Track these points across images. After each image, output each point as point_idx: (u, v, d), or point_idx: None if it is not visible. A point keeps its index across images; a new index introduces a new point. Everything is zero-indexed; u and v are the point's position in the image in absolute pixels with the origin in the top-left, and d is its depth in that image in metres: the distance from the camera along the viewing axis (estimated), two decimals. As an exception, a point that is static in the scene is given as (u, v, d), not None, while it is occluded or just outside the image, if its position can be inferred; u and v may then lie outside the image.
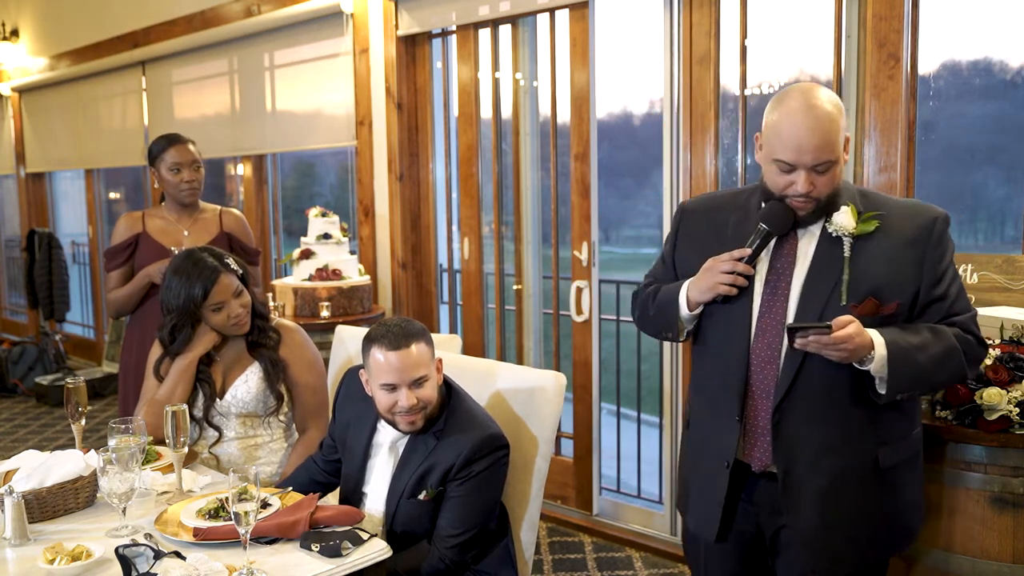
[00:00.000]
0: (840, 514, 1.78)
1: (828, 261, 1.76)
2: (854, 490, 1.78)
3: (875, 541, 1.82)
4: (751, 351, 1.80)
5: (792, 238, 1.81)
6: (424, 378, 2.01)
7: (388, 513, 2.08)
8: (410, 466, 2.06)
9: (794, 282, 1.78)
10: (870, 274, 1.73)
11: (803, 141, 1.69)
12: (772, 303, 1.79)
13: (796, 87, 1.75)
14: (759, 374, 1.80)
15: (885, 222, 1.76)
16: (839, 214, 1.76)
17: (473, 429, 2.04)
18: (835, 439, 1.76)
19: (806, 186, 1.71)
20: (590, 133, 3.67)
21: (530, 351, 4.14)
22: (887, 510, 1.82)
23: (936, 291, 1.75)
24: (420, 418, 2.03)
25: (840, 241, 1.75)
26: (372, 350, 2.03)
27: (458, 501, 2.02)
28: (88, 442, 4.94)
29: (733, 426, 1.82)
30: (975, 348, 1.78)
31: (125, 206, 7.74)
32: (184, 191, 3.10)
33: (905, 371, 1.69)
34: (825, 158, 1.70)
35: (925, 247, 1.75)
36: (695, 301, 1.85)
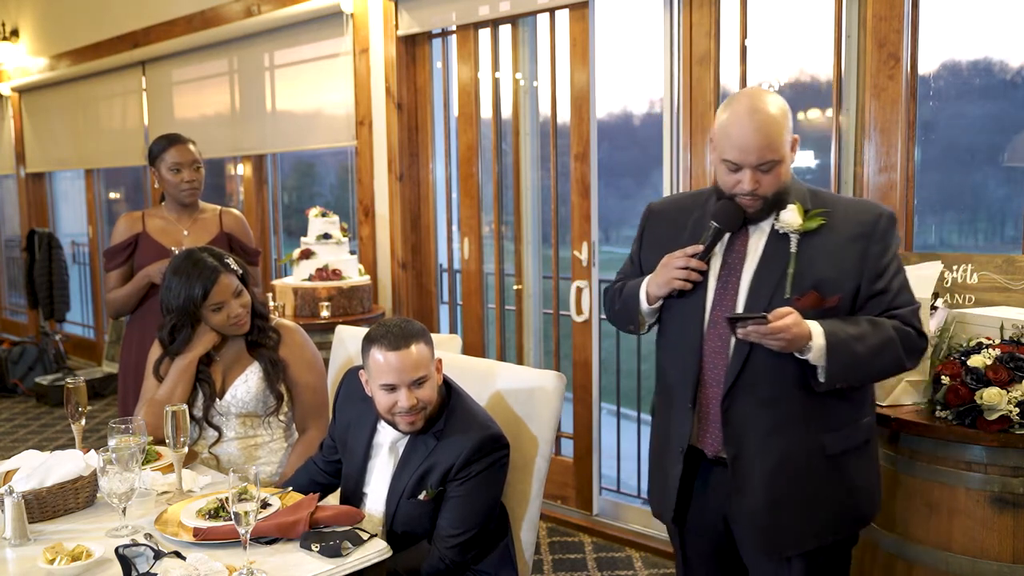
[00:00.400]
0: (787, 496, 1.86)
1: (776, 257, 1.85)
2: (801, 474, 1.86)
3: (825, 524, 1.89)
4: (704, 342, 1.90)
5: (743, 235, 1.90)
6: (424, 378, 2.01)
7: (388, 513, 2.08)
8: (410, 466, 2.06)
9: (743, 277, 1.88)
10: (814, 269, 1.82)
11: (747, 142, 1.79)
12: (723, 297, 1.89)
13: (744, 91, 1.87)
14: (711, 364, 1.89)
15: (831, 219, 1.84)
16: (786, 212, 1.85)
17: (473, 429, 2.04)
18: (782, 425, 1.84)
19: (751, 184, 1.81)
20: (590, 133, 3.67)
21: (530, 351, 4.14)
22: (836, 495, 1.88)
23: (877, 285, 1.83)
24: (420, 418, 2.03)
25: (787, 238, 1.85)
26: (372, 350, 2.03)
27: (458, 501, 2.02)
28: (88, 442, 4.94)
29: (687, 414, 1.92)
30: (914, 340, 1.84)
31: (125, 206, 7.74)
32: (184, 191, 3.10)
33: (843, 360, 1.77)
34: (768, 158, 1.80)
35: (868, 243, 1.83)
36: (653, 295, 1.95)
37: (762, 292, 1.83)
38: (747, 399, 1.84)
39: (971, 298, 2.43)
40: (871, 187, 2.90)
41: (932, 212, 3.46)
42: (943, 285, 2.46)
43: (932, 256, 2.49)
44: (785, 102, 1.84)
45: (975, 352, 2.11)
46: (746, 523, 1.90)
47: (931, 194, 3.30)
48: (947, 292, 2.46)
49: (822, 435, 1.85)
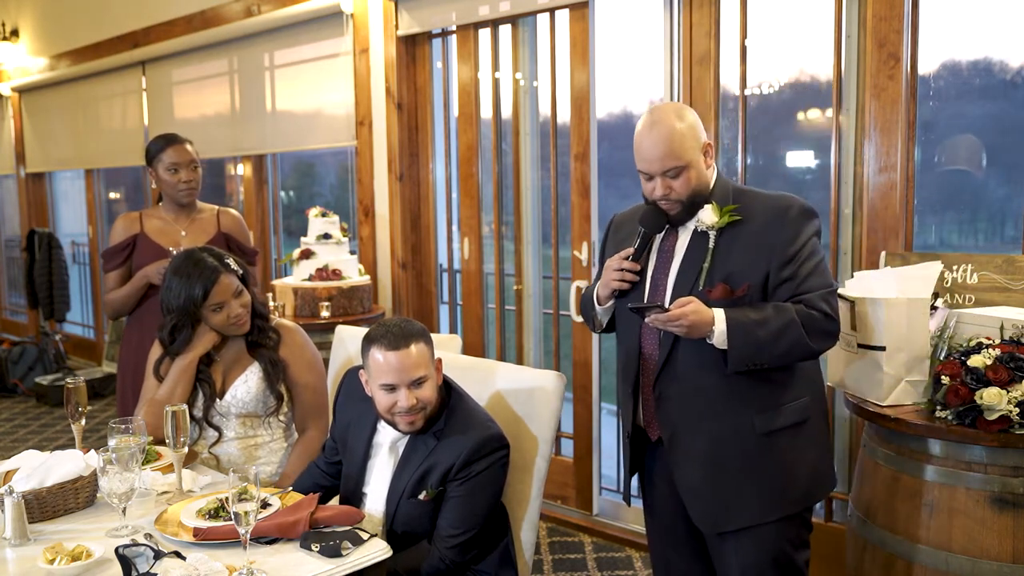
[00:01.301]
0: (722, 473, 2.01)
1: (697, 253, 2.01)
2: (733, 452, 2.00)
3: (761, 501, 2.01)
4: (641, 336, 2.08)
5: (673, 236, 2.07)
6: (423, 378, 2.01)
7: (388, 513, 2.08)
8: (410, 466, 2.06)
9: (671, 274, 2.04)
10: (730, 261, 1.97)
11: (650, 153, 1.97)
12: (655, 294, 2.05)
13: (652, 106, 2.03)
14: (648, 355, 2.08)
15: (748, 214, 1.99)
16: (703, 212, 2.00)
17: (473, 429, 2.04)
18: (711, 407, 2.00)
19: (663, 190, 1.98)
20: (590, 133, 3.68)
21: (530, 351, 4.14)
22: (771, 472, 2.01)
23: (784, 272, 1.95)
24: (420, 418, 2.03)
25: (707, 235, 2.00)
26: (371, 350, 2.03)
27: (458, 501, 2.02)
28: (88, 442, 4.94)
29: (629, 399, 2.13)
30: (818, 322, 1.93)
31: (125, 206, 7.74)
32: (182, 191, 3.10)
33: (744, 343, 1.90)
34: (671, 165, 1.96)
35: (777, 232, 1.95)
36: (602, 296, 2.14)
37: (684, 286, 1.99)
38: (675, 385, 2.02)
39: (971, 298, 2.43)
40: (871, 187, 2.90)
41: (932, 212, 3.46)
42: (943, 285, 2.46)
43: (932, 256, 2.49)
44: (693, 115, 2.01)
45: (975, 352, 2.11)
46: (687, 500, 2.06)
47: (931, 194, 3.30)
48: (947, 292, 2.46)
49: (752, 416, 1.99)
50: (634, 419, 2.15)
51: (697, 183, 2.00)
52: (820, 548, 3.12)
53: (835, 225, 3.05)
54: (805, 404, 2.05)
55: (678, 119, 1.97)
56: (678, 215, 2.02)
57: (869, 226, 2.92)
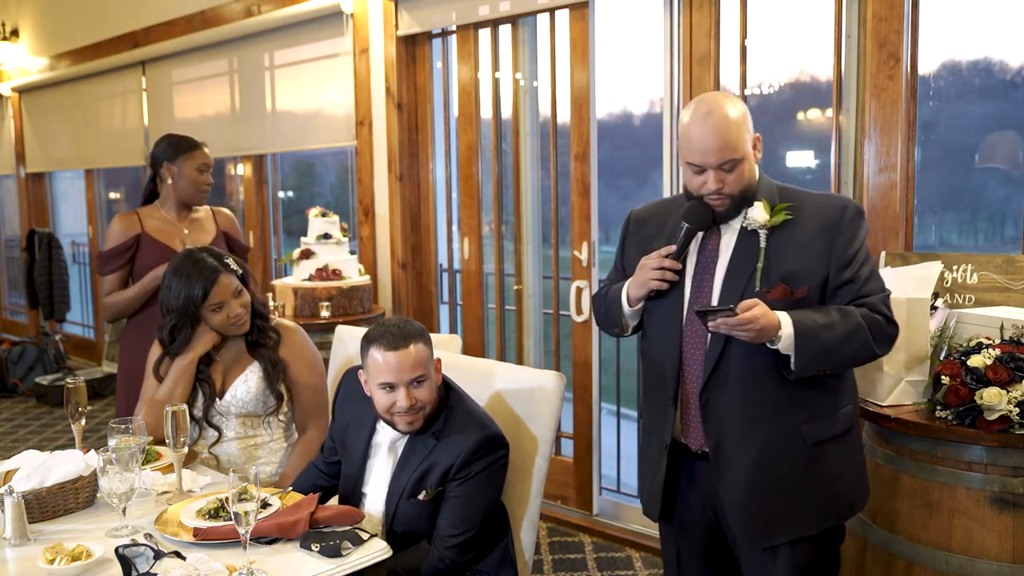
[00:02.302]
0: (768, 486, 1.90)
1: (746, 253, 1.90)
2: (781, 463, 1.90)
3: (807, 513, 1.92)
4: (683, 340, 1.95)
5: (715, 234, 1.95)
6: (422, 378, 2.01)
7: (388, 513, 2.08)
8: (409, 466, 2.06)
9: (717, 274, 1.93)
10: (784, 262, 1.87)
11: (706, 144, 1.86)
12: (698, 295, 1.94)
13: (702, 96, 1.93)
14: (690, 360, 1.95)
15: (799, 213, 1.90)
16: (753, 209, 1.90)
17: (472, 429, 2.04)
18: (760, 416, 1.89)
19: (716, 184, 1.87)
20: (590, 133, 3.67)
21: (530, 351, 4.14)
22: (817, 484, 1.92)
23: (845, 274, 1.87)
24: (419, 418, 2.03)
25: (756, 234, 1.90)
26: (371, 350, 2.03)
27: (458, 501, 2.02)
28: (88, 442, 4.94)
29: (669, 409, 1.98)
30: (883, 326, 1.88)
31: (125, 206, 7.74)
32: (203, 191, 3.14)
33: (812, 348, 1.81)
34: (728, 157, 1.86)
35: (834, 234, 1.87)
36: (633, 297, 2.01)
37: (734, 287, 1.89)
38: (724, 392, 1.89)
39: (971, 298, 2.43)
40: (871, 187, 2.90)
41: (932, 212, 3.46)
42: (943, 285, 2.46)
43: (932, 256, 2.49)
44: (743, 104, 1.91)
45: (975, 352, 2.11)
46: (730, 514, 1.94)
47: (931, 194, 3.30)
48: (947, 292, 2.46)
49: (801, 425, 1.90)
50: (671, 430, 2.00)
51: (749, 178, 1.90)
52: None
53: (835, 225, 3.04)
54: (850, 412, 1.98)
55: (732, 108, 1.88)
56: (726, 211, 1.91)
57: (869, 226, 2.92)
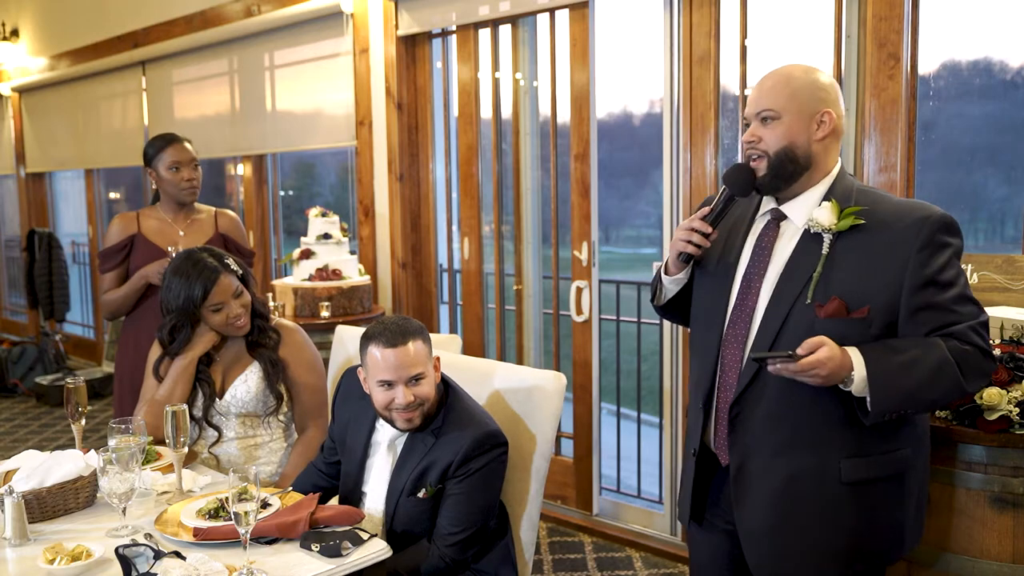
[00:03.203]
0: (792, 520, 1.74)
1: (804, 258, 1.71)
2: (810, 498, 1.72)
3: (831, 556, 1.75)
4: (722, 344, 1.79)
5: (773, 232, 1.78)
6: (421, 375, 2.01)
7: (388, 512, 2.09)
8: (409, 464, 2.07)
9: (767, 277, 1.75)
10: (847, 274, 1.66)
11: (756, 91, 1.76)
12: (745, 297, 1.77)
13: None
14: (727, 367, 1.79)
15: (874, 221, 1.67)
16: (819, 210, 1.71)
17: (471, 426, 2.04)
18: (792, 442, 1.71)
19: (749, 134, 1.75)
20: (590, 133, 3.67)
21: (530, 351, 4.14)
22: (849, 525, 1.73)
23: (921, 297, 1.63)
24: (417, 415, 2.03)
25: (820, 238, 1.70)
26: (369, 348, 2.03)
27: (457, 499, 2.02)
28: (88, 442, 4.94)
29: (699, 415, 1.85)
30: (976, 360, 1.64)
31: (125, 206, 7.74)
32: (185, 189, 3.09)
33: (890, 391, 1.60)
34: (766, 105, 1.72)
35: (910, 249, 1.63)
36: (669, 262, 1.88)
37: (786, 295, 1.70)
38: (755, 411, 1.73)
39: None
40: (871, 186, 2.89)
41: (932, 212, 3.46)
42: (943, 285, 2.45)
43: (932, 256, 2.48)
44: (828, 78, 1.75)
45: (975, 352, 2.11)
46: (745, 543, 1.80)
47: (931, 194, 3.30)
48: (947, 292, 2.45)
49: (841, 459, 1.70)
50: (702, 437, 1.87)
51: (790, 143, 1.70)
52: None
53: (835, 225, 3.04)
54: (906, 456, 1.75)
55: (804, 72, 1.73)
56: (765, 179, 1.73)
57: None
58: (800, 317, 1.67)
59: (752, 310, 1.75)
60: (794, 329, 1.67)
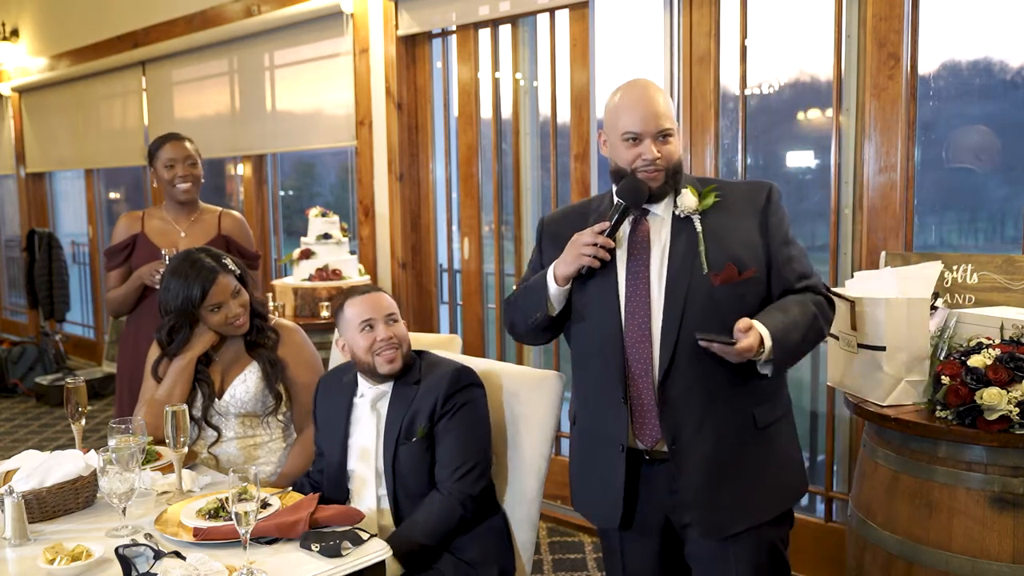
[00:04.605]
0: (726, 473, 1.90)
1: (683, 239, 1.90)
2: (736, 449, 1.90)
3: (763, 498, 1.94)
4: (624, 335, 1.91)
5: (643, 224, 1.94)
6: (396, 317, 2.20)
7: (387, 460, 2.15)
8: (397, 415, 2.16)
9: (652, 264, 1.91)
10: (722, 246, 1.88)
11: (647, 110, 1.87)
12: (636, 285, 1.91)
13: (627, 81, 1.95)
14: (635, 355, 1.90)
15: (725, 199, 1.92)
16: (682, 196, 1.91)
17: (445, 367, 2.19)
18: (715, 404, 1.88)
19: (652, 152, 1.86)
20: (590, 133, 3.68)
21: (530, 351, 4.14)
22: (770, 467, 1.95)
23: (784, 252, 1.91)
24: (399, 356, 2.16)
25: (690, 220, 1.90)
26: (345, 307, 2.22)
27: (452, 435, 2.12)
28: (88, 442, 4.94)
29: (620, 409, 1.92)
30: (827, 308, 1.94)
31: (125, 206, 7.74)
32: (178, 187, 3.08)
33: (786, 352, 1.83)
34: (667, 125, 1.88)
35: (767, 214, 1.91)
36: (562, 276, 1.93)
37: (680, 275, 1.87)
38: (680, 384, 1.87)
39: (971, 298, 2.43)
40: (871, 187, 2.90)
41: (932, 212, 3.46)
42: (943, 285, 2.46)
43: (932, 256, 2.49)
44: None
45: (975, 352, 2.11)
46: (691, 506, 1.91)
47: (931, 194, 3.29)
48: (947, 292, 2.46)
49: (752, 408, 1.91)
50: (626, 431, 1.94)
51: (679, 158, 1.92)
52: (820, 548, 3.12)
53: (835, 225, 3.04)
54: (787, 393, 2.02)
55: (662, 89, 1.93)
56: (659, 189, 1.89)
57: (869, 226, 2.92)
58: (698, 288, 1.86)
59: (647, 298, 1.90)
60: (696, 300, 1.86)
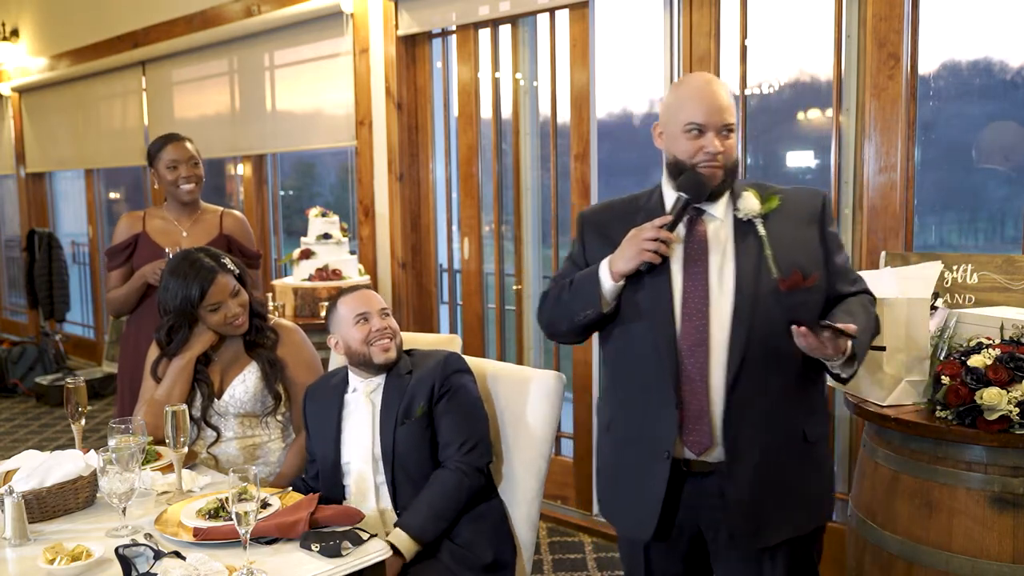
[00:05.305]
0: (774, 483, 1.86)
1: (748, 243, 1.85)
2: (787, 462, 1.88)
3: (805, 511, 1.92)
4: (679, 338, 1.84)
5: (700, 225, 1.88)
6: (389, 311, 2.29)
7: (386, 444, 2.17)
8: (393, 402, 2.20)
9: (711, 265, 1.86)
10: (785, 252, 1.84)
11: (713, 102, 1.84)
12: (694, 288, 1.85)
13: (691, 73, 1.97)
14: (690, 359, 1.83)
15: (783, 205, 1.88)
16: (743, 199, 1.87)
17: (436, 355, 2.26)
18: (775, 415, 1.85)
19: (716, 145, 1.83)
20: (590, 133, 3.67)
21: (530, 351, 4.14)
22: (813, 482, 1.93)
23: (839, 259, 1.93)
24: (393, 346, 2.23)
25: (751, 223, 1.86)
26: (338, 305, 2.29)
27: (453, 414, 2.18)
28: (88, 442, 4.93)
29: (669, 414, 1.84)
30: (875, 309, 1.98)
31: (125, 206, 7.74)
32: (182, 188, 3.09)
33: (863, 352, 1.85)
34: (729, 120, 1.85)
35: (822, 223, 1.91)
36: (619, 272, 1.85)
37: (750, 277, 1.82)
38: (744, 393, 1.82)
39: (971, 298, 2.43)
40: (871, 187, 2.90)
41: (932, 212, 3.46)
42: (943, 285, 2.46)
43: (932, 256, 2.49)
44: None
45: (975, 352, 2.11)
46: (734, 513, 1.85)
47: (931, 194, 3.30)
48: (947, 292, 2.46)
49: (803, 422, 1.89)
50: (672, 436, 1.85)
51: (736, 156, 1.88)
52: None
53: (835, 225, 3.04)
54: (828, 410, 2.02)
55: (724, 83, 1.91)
56: (718, 187, 1.85)
57: (869, 226, 2.92)
58: (766, 292, 1.81)
59: (705, 301, 1.84)
60: (764, 305, 1.81)
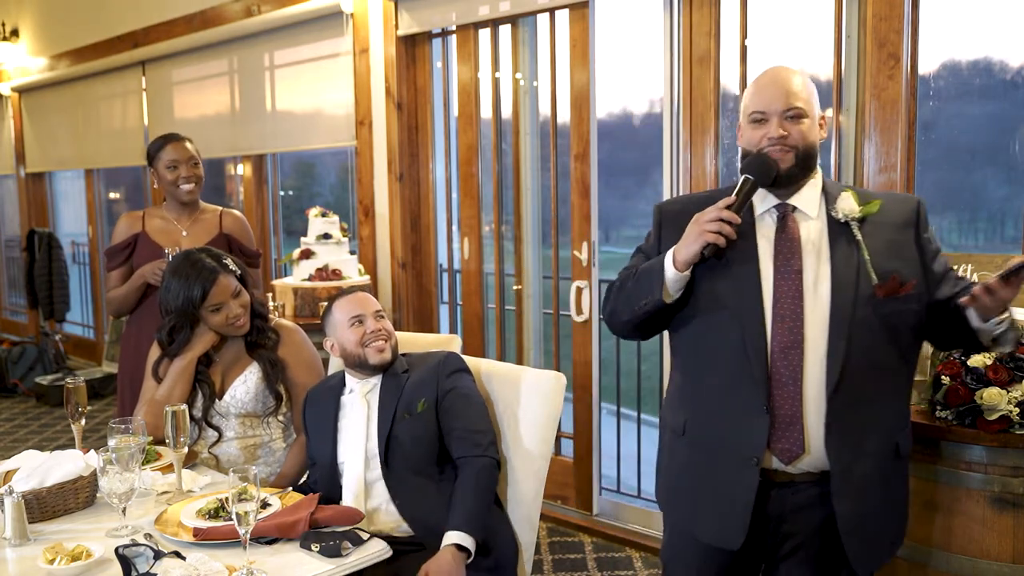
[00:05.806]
0: (879, 501, 1.78)
1: (844, 246, 1.78)
2: (884, 477, 1.79)
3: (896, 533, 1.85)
4: (771, 339, 1.74)
5: (791, 221, 1.80)
6: (382, 313, 2.30)
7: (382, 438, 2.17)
8: (391, 399, 2.20)
9: (806, 268, 1.77)
10: (882, 257, 1.76)
11: (772, 90, 1.80)
12: (786, 287, 1.76)
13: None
14: (782, 362, 1.73)
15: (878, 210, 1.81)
16: (841, 199, 1.80)
17: (434, 355, 2.29)
18: (876, 424, 1.76)
19: (778, 130, 1.77)
20: (590, 133, 3.67)
21: (530, 351, 4.14)
22: (903, 499, 1.86)
23: (937, 266, 1.83)
24: (388, 347, 2.24)
25: (847, 225, 1.79)
26: (333, 308, 2.31)
27: (463, 403, 2.20)
28: (88, 442, 4.93)
29: (760, 419, 1.73)
30: None
31: (125, 206, 7.74)
32: (182, 188, 3.09)
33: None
34: (794, 103, 1.78)
35: (918, 229, 1.83)
36: (683, 260, 1.75)
37: (847, 281, 1.74)
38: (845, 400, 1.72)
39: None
40: (871, 187, 2.89)
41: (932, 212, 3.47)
42: (943, 285, 2.45)
43: (932, 256, 2.48)
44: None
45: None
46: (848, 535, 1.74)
47: (931, 194, 3.30)
48: (947, 292, 2.45)
49: (897, 434, 1.81)
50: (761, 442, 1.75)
51: (812, 139, 1.80)
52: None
53: (835, 225, 3.04)
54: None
55: (803, 75, 1.83)
56: (789, 170, 1.77)
57: (869, 226, 2.92)
58: (864, 297, 1.74)
59: (799, 301, 1.74)
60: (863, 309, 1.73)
